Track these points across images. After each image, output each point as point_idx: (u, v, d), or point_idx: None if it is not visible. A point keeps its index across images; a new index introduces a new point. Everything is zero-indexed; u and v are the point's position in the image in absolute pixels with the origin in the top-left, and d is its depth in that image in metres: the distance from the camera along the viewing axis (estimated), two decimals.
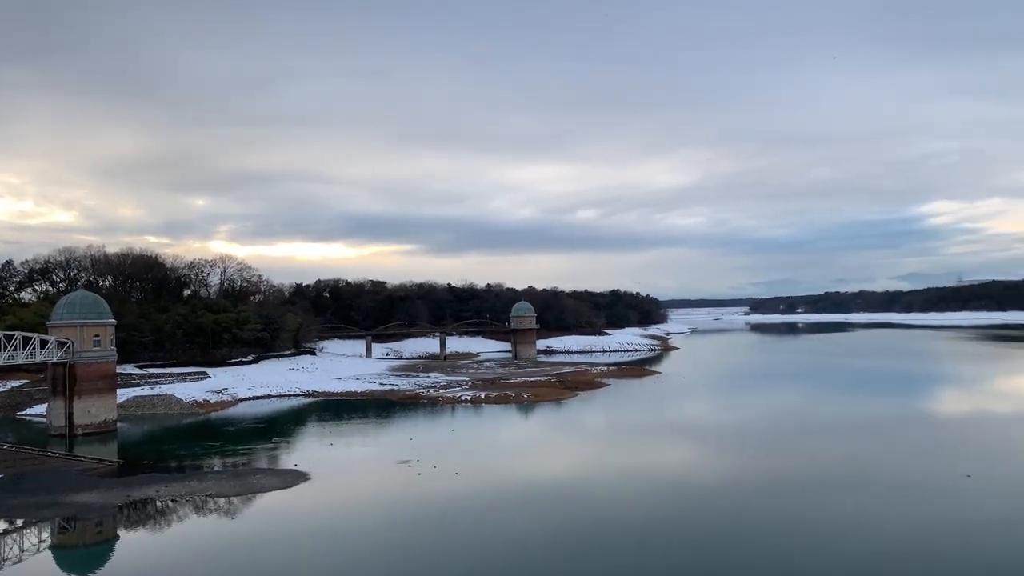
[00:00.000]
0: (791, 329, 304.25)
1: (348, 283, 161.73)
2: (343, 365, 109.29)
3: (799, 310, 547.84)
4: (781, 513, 32.34)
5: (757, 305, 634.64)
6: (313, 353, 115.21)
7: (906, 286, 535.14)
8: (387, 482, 39.85)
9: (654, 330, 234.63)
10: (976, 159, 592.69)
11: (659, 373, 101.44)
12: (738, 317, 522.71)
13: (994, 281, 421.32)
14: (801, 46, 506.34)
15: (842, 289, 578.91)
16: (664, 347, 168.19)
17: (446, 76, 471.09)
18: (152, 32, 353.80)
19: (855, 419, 59.27)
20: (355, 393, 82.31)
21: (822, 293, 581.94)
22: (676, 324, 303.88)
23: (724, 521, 31.29)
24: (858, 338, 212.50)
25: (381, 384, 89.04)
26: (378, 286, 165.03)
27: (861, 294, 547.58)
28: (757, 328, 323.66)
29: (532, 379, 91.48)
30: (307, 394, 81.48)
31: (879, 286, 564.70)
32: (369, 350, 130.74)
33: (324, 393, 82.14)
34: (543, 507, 34.15)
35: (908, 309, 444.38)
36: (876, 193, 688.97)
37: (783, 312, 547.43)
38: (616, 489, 37.65)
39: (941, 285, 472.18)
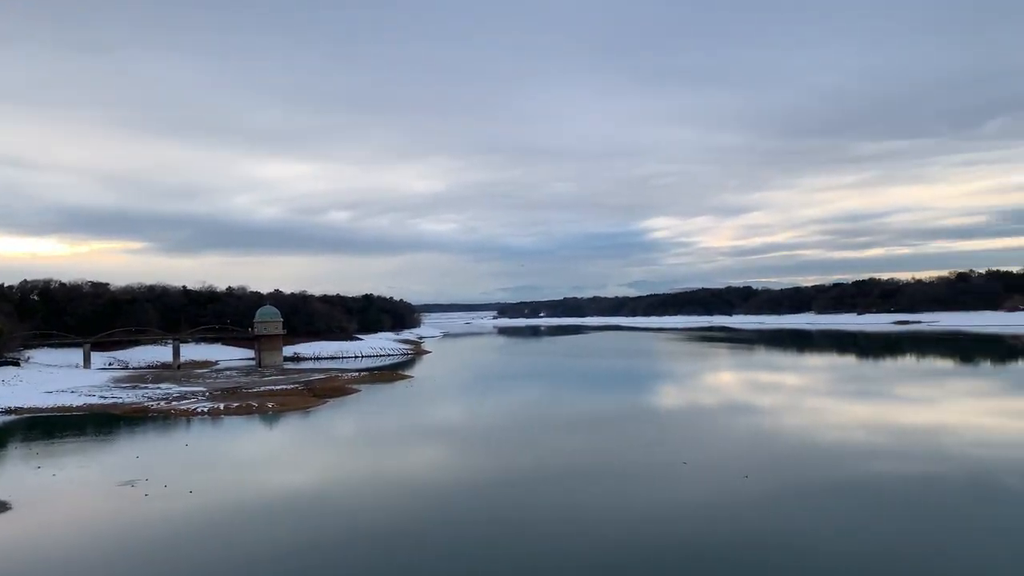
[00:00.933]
0: (534, 332, 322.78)
1: (63, 284, 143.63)
2: (55, 377, 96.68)
3: (542, 314, 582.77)
4: (519, 504, 33.92)
5: (505, 309, 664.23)
6: (17, 364, 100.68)
7: (632, 292, 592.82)
8: (108, 506, 35.73)
9: (407, 334, 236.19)
10: (690, 181, 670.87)
11: (411, 377, 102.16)
12: (487, 321, 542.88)
13: (702, 289, 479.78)
14: (546, 66, 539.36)
15: (579, 295, 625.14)
16: (417, 351, 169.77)
17: (181, 61, 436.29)
18: None
19: (588, 414, 64.16)
20: (70, 408, 73.05)
21: (562, 298, 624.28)
22: (429, 328, 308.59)
23: (467, 516, 32.14)
24: (591, 339, 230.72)
25: (102, 397, 79.93)
26: (99, 288, 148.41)
27: (595, 299, 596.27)
28: (504, 331, 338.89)
29: (278, 388, 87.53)
30: (8, 411, 70.81)
31: (610, 292, 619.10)
32: (88, 360, 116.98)
33: (30, 409, 71.93)
34: (290, 520, 32.67)
35: (633, 313, 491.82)
36: (609, 208, 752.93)
37: (528, 316, 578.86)
38: (367, 496, 37.14)
39: (660, 292, 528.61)
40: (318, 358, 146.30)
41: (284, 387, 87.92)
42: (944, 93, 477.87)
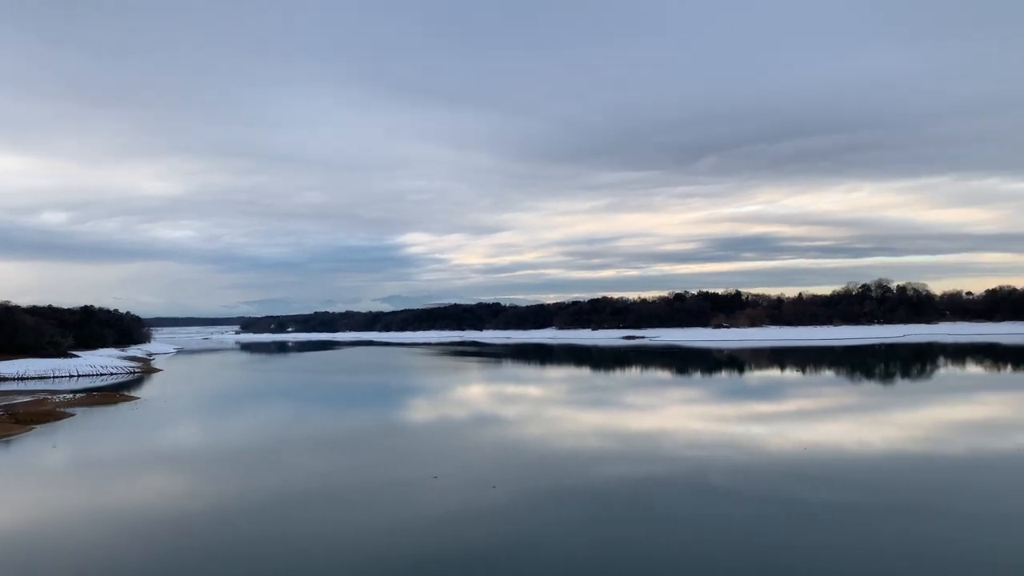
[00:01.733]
0: (282, 348, 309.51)
1: None
2: None
3: (290, 329, 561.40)
4: (260, 530, 31.95)
5: (249, 324, 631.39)
6: None
7: (387, 307, 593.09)
8: None
9: (135, 351, 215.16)
10: (444, 199, 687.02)
11: (138, 398, 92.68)
12: (229, 336, 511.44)
13: (455, 304, 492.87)
14: (296, 73, 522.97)
15: (331, 309, 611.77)
16: (146, 369, 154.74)
17: None
18: None
19: (338, 433, 62.50)
20: None
21: (312, 313, 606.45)
22: (161, 344, 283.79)
23: (204, 548, 29.58)
24: (343, 355, 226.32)
25: None
26: None
27: (348, 314, 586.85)
28: (248, 347, 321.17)
29: None
30: None
31: (364, 307, 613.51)
32: None
33: None
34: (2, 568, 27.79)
35: (387, 328, 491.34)
36: (364, 221, 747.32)
37: (274, 331, 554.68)
38: (80, 535, 32.72)
39: (414, 307, 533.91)
40: (23, 378, 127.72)
41: None
42: (668, 131, 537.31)
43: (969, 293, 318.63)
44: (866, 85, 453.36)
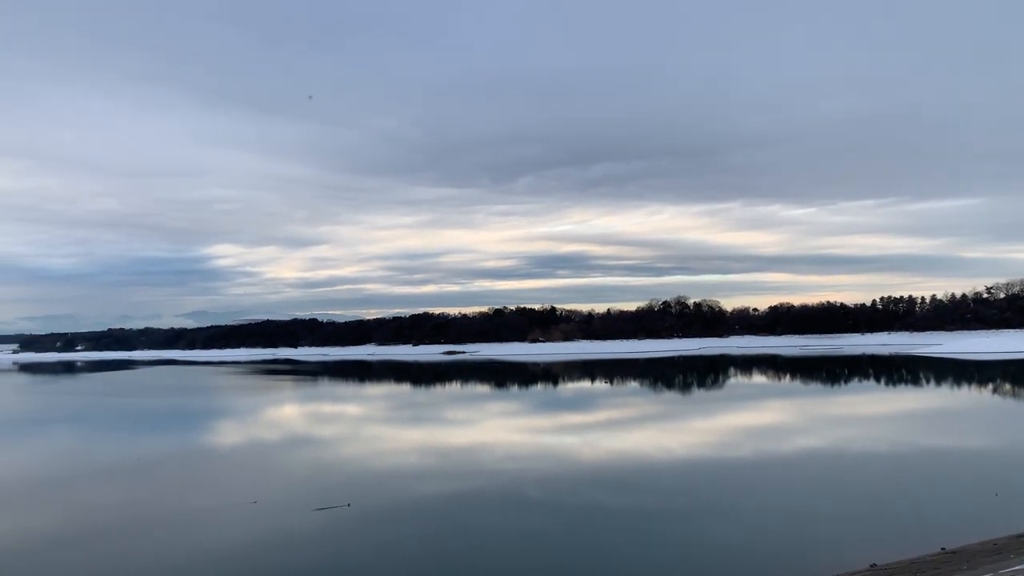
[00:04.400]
0: (69, 368, 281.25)
1: None
2: None
3: (79, 347, 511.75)
4: (51, 569, 28.83)
5: (30, 342, 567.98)
6: None
7: (192, 323, 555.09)
8: None
9: None
10: (255, 209, 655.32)
11: None
12: (4, 356, 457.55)
13: (268, 320, 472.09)
14: (77, 69, 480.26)
15: (127, 326, 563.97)
16: None
17: None
18: None
19: (140, 461, 57.68)
20: None
21: (106, 330, 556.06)
22: None
23: None
24: (141, 375, 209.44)
25: None
26: None
27: (146, 331, 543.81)
28: (28, 368, 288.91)
29: None
30: None
31: (165, 323, 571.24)
32: None
33: None
34: None
35: (192, 346, 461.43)
36: (165, 231, 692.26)
37: (61, 350, 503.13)
38: None
39: (223, 323, 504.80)
40: None
41: None
42: (485, 150, 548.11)
43: (755, 309, 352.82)
44: (668, 114, 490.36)
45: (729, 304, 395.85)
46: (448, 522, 34.82)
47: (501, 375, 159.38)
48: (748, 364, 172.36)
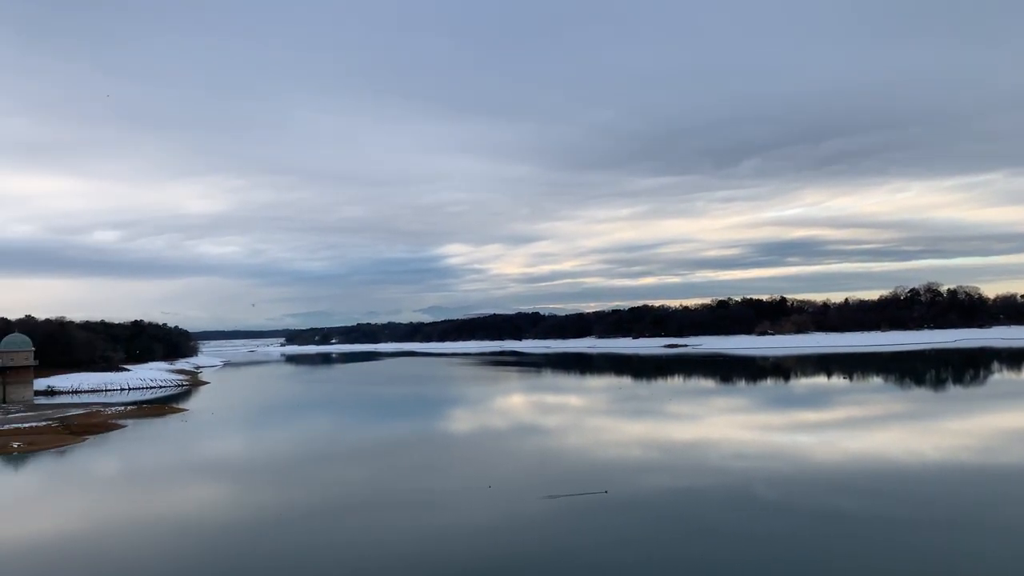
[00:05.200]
0: (325, 359, 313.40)
1: None
2: None
3: (333, 341, 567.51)
4: (314, 541, 32.34)
5: (293, 336, 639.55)
6: None
7: (427, 318, 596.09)
8: None
9: (183, 364, 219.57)
10: (482, 209, 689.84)
11: (186, 410, 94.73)
12: (274, 348, 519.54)
13: (494, 314, 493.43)
14: (332, 90, 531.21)
15: (373, 321, 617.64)
16: (193, 382, 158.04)
17: None
18: None
19: (385, 442, 63.01)
20: None
21: (355, 324, 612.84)
22: (208, 357, 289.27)
23: (254, 558, 30.07)
24: (385, 366, 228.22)
25: None
26: None
27: (389, 325, 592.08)
28: (293, 359, 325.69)
29: (26, 425, 77.32)
30: None
31: (404, 318, 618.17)
32: None
33: None
34: (38, 572, 28.67)
35: (428, 339, 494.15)
36: (403, 233, 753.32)
37: (318, 343, 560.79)
38: (138, 541, 33.55)
39: (454, 318, 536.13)
40: (77, 391, 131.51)
41: (35, 424, 77.90)
42: (707, 134, 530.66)
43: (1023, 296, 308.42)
44: (910, 81, 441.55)
45: (991, 290, 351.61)
46: (674, 519, 34.17)
47: (726, 369, 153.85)
48: (1016, 358, 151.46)
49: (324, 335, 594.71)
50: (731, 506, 36.47)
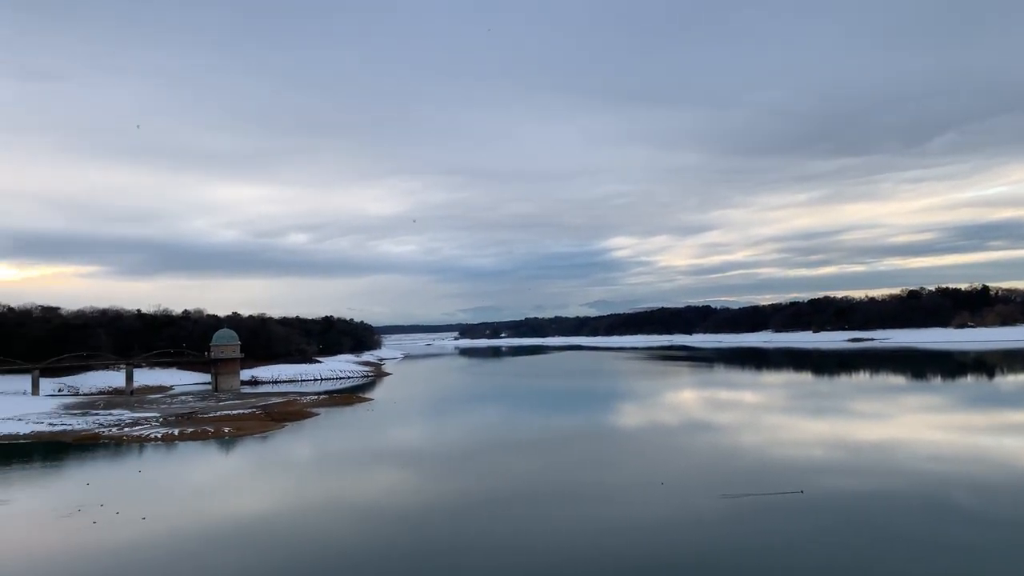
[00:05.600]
0: (496, 352, 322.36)
1: (11, 309, 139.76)
2: (2, 405, 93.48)
3: (503, 335, 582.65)
4: (491, 529, 33.59)
5: (466, 330, 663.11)
6: None
7: (594, 312, 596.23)
8: (55, 535, 34.50)
9: (368, 356, 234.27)
10: (649, 200, 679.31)
11: (371, 400, 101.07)
12: (448, 342, 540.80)
13: (662, 308, 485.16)
14: (498, 88, 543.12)
15: (540, 315, 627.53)
16: (377, 373, 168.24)
17: (129, 86, 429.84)
18: None
19: (556, 435, 64.00)
20: (16, 436, 70.66)
21: (523, 319, 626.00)
22: (390, 350, 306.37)
23: (435, 543, 31.72)
24: (553, 359, 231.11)
25: (51, 424, 77.51)
26: (50, 312, 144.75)
27: (556, 319, 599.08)
28: (465, 352, 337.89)
29: (235, 412, 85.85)
30: None
31: (571, 312, 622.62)
32: (36, 386, 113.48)
33: None
34: (250, 547, 31.93)
35: (595, 333, 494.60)
36: (567, 228, 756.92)
37: (489, 337, 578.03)
38: (329, 521, 36.43)
39: (621, 312, 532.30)
40: (277, 381, 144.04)
41: (241, 411, 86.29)
42: (893, 109, 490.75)
43: None
44: None
45: None
46: (863, 525, 32.14)
47: (919, 365, 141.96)
48: None
49: (494, 329, 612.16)
50: (927, 513, 33.80)
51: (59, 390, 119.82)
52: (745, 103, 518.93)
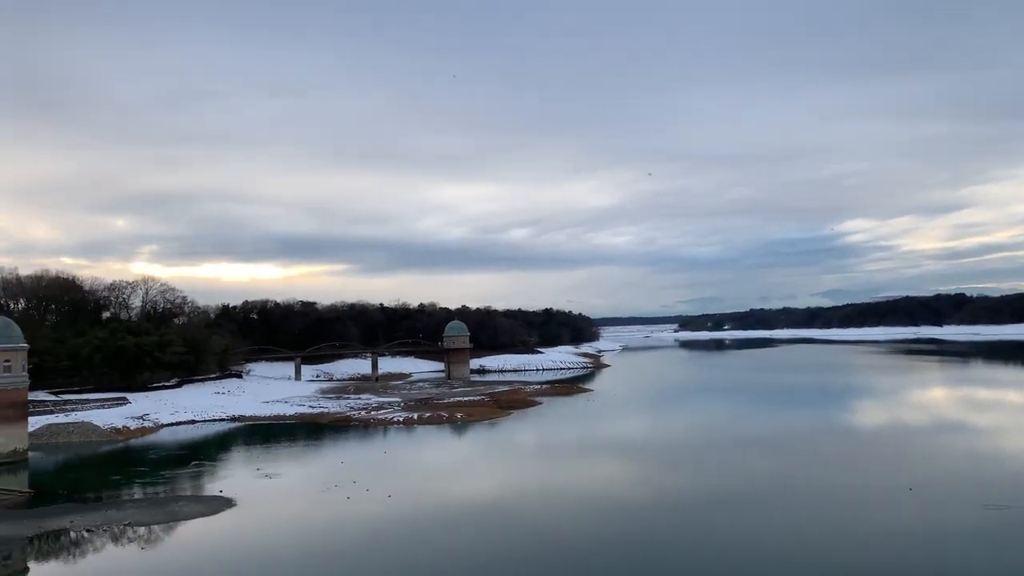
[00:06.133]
0: (718, 345, 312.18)
1: (277, 304, 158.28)
2: (271, 388, 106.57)
3: (726, 327, 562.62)
4: (716, 527, 32.87)
5: (686, 322, 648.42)
6: (240, 376, 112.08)
7: (826, 302, 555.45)
8: (316, 507, 38.94)
9: (586, 348, 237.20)
10: (887, 178, 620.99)
11: (591, 391, 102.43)
12: (668, 334, 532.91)
13: (907, 297, 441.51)
14: (710, 69, 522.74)
15: (766, 306, 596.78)
16: (596, 364, 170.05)
17: (363, 96, 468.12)
18: (64, 51, 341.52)
19: (785, 433, 60.91)
20: (283, 417, 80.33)
21: (748, 310, 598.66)
22: (607, 342, 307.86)
23: (660, 538, 31.65)
24: (782, 354, 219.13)
25: (311, 407, 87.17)
26: (308, 307, 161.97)
27: (784, 311, 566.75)
28: (686, 345, 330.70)
29: (465, 399, 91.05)
30: (233, 418, 79.05)
31: (801, 303, 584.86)
32: (298, 372, 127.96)
33: (251, 417, 79.85)
34: (480, 529, 33.95)
35: (828, 325, 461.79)
36: (795, 212, 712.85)
37: (711, 329, 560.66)
38: (552, 509, 37.66)
39: (858, 301, 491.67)
40: (502, 371, 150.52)
41: (471, 398, 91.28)
42: None
43: None
44: None
45: None
46: None
47: None
48: None
49: (716, 321, 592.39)
50: None
51: (316, 376, 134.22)
52: (1007, 62, 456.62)
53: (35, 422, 63.70)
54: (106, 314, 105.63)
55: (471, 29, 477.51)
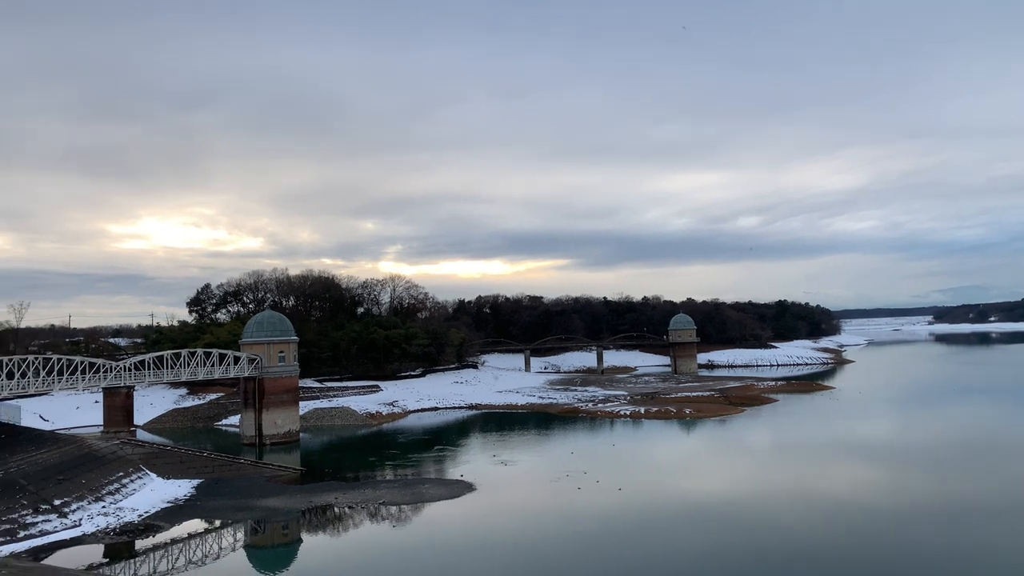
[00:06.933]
0: (983, 340, 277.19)
1: (506, 299, 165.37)
2: (503, 379, 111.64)
3: (992, 318, 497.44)
4: (958, 542, 29.39)
5: (942, 314, 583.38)
6: (475, 367, 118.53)
7: None
8: (550, 495, 40.20)
9: (826, 342, 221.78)
10: None
11: (832, 388, 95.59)
12: (920, 327, 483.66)
13: None
14: (961, 37, 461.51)
15: None
16: (837, 360, 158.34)
17: (585, 92, 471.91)
18: (310, 73, 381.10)
19: None
20: (515, 406, 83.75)
21: (1019, 300, 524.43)
22: (850, 336, 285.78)
23: (898, 551, 28.90)
24: None
25: (540, 398, 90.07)
26: (535, 301, 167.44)
27: None
28: (942, 339, 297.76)
29: (693, 394, 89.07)
30: (471, 407, 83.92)
31: None
32: (528, 364, 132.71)
33: (487, 406, 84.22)
34: (708, 528, 33.15)
35: None
36: None
37: (973, 321, 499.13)
38: (783, 513, 35.88)
39: None
40: (732, 366, 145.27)
41: (699, 394, 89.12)
42: None
43: None
44: None
45: None
46: None
47: None
48: None
49: (980, 312, 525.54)
50: None
51: (544, 368, 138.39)
52: None
53: (304, 407, 72.10)
54: (360, 309, 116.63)
55: (686, 13, 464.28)
